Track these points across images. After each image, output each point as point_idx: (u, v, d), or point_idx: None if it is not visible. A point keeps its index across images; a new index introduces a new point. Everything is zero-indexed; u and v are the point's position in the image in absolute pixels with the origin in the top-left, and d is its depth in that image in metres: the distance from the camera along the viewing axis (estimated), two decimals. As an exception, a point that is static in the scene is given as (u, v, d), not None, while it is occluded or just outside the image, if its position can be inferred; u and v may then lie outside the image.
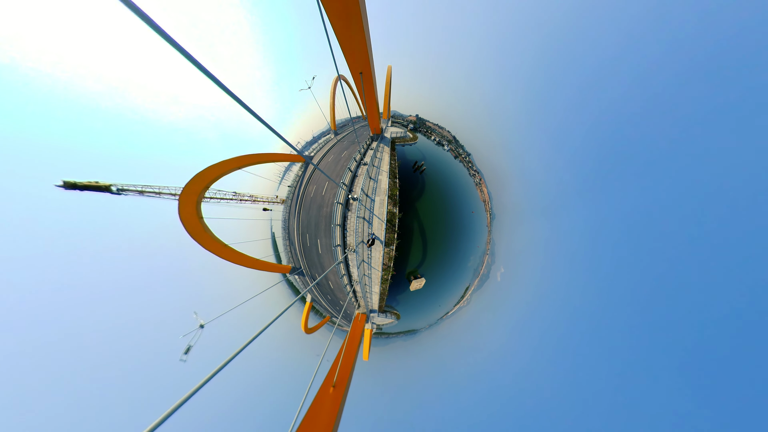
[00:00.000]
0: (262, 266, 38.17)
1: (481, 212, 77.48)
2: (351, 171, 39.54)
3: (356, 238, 35.09)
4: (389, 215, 37.10)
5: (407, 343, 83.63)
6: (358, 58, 22.75)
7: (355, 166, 42.06)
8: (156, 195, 27.39)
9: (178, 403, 6.55)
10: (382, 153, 46.38)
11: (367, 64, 23.95)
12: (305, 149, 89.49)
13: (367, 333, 46.80)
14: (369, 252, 35.04)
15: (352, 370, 23.78)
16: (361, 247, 35.39)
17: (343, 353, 22.65)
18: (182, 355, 35.30)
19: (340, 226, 35.07)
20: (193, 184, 26.02)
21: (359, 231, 35.58)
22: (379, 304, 42.55)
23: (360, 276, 37.28)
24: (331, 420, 13.90)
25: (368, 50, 21.58)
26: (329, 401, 15.33)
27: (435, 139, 79.72)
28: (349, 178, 39.30)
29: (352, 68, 24.66)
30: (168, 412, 6.34)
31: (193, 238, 28.47)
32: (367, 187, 39.27)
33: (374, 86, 29.68)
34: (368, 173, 41.12)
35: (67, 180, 19.86)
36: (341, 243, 35.26)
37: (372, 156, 44.31)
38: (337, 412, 14.66)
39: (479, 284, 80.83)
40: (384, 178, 40.21)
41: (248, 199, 39.98)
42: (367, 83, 28.15)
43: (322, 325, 62.99)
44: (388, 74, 59.35)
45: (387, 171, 41.20)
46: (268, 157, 38.90)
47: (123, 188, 24.36)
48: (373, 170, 42.46)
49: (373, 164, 43.07)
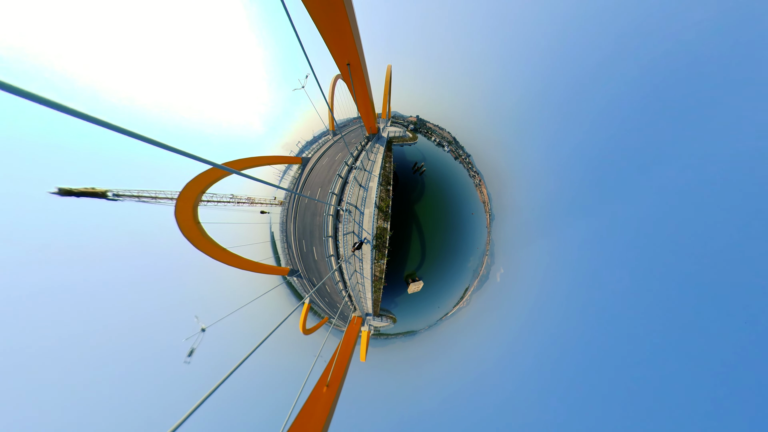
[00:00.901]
0: (260, 269, 38.30)
1: (481, 213, 77.23)
2: (341, 177, 37.36)
3: (347, 251, 34.82)
4: (378, 230, 35.23)
5: (406, 343, 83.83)
6: (343, 46, 19.09)
7: (346, 171, 39.28)
8: (153, 200, 27.45)
9: (196, 404, 7.62)
10: (375, 155, 43.22)
11: (355, 53, 20.14)
12: (306, 148, 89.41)
13: (364, 335, 46.79)
14: (360, 263, 34.53)
15: (346, 370, 24.39)
16: (353, 259, 35.09)
17: (338, 354, 22.46)
18: (186, 357, 36.14)
19: (333, 237, 34.79)
20: (188, 190, 26.09)
21: (349, 244, 35.19)
22: (373, 309, 42.50)
23: (353, 284, 37.23)
24: (323, 417, 14.50)
25: (354, 36, 18.07)
26: (322, 400, 16.06)
27: (435, 140, 79.39)
28: (339, 186, 37.10)
29: (338, 58, 21.13)
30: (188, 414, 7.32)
31: (192, 243, 28.57)
32: (356, 197, 36.63)
33: (365, 79, 25.83)
34: (357, 179, 38.32)
35: (62, 187, 19.87)
36: (334, 253, 35.11)
37: (364, 158, 41.66)
38: (329, 410, 15.32)
39: (479, 285, 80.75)
40: (374, 186, 37.17)
41: (246, 201, 40.05)
42: (356, 76, 24.49)
43: (320, 326, 63.19)
44: (387, 73, 57.43)
45: (378, 176, 37.94)
46: (264, 160, 39.01)
47: (119, 194, 24.39)
48: (363, 176, 39.22)
49: (365, 167, 40.03)
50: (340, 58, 21.05)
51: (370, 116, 38.18)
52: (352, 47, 19.28)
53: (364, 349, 46.50)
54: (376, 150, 43.14)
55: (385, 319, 58.02)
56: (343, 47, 19.37)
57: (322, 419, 14.39)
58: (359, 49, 20.43)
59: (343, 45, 19.07)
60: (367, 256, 33.61)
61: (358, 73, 24.16)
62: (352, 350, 32.23)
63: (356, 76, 24.69)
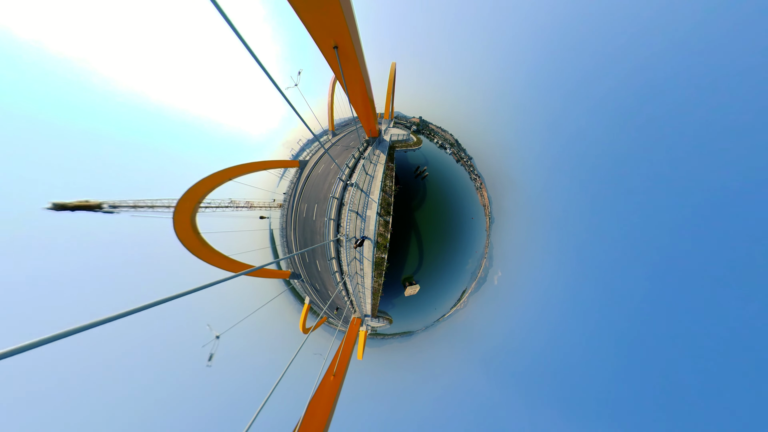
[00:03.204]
0: (262, 274, 38.80)
1: (481, 216, 77.15)
2: (336, 199, 33.92)
3: (350, 273, 34.72)
4: (377, 259, 33.35)
5: (403, 344, 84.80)
6: (328, 22, 13.32)
7: (341, 189, 35.06)
8: (150, 209, 27.35)
9: (261, 405, 9.25)
10: (375, 168, 36.94)
11: (345, 31, 14.11)
12: (306, 147, 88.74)
13: (361, 334, 47.97)
14: (362, 277, 34.52)
15: (348, 364, 28.14)
16: (354, 263, 35.12)
17: (341, 351, 26.15)
18: (207, 362, 39.48)
19: (336, 258, 34.81)
20: (185, 201, 25.97)
21: (351, 273, 34.54)
22: (372, 312, 43.12)
23: (355, 294, 37.59)
24: (331, 398, 19.16)
25: (342, 9, 12.54)
26: (330, 386, 20.83)
27: (438, 142, 78.71)
28: (335, 207, 33.88)
29: (319, 38, 14.88)
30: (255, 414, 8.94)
31: (192, 253, 28.62)
32: (353, 228, 33.12)
33: (361, 69, 18.81)
34: (353, 204, 33.13)
35: (56, 202, 19.74)
36: (338, 269, 35.34)
37: (363, 168, 36.45)
38: (336, 394, 20.01)
39: (476, 287, 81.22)
40: (372, 215, 32.30)
41: (245, 206, 39.93)
42: (347, 62, 17.54)
43: (319, 325, 64.15)
44: (391, 71, 54.33)
45: (377, 203, 32.36)
46: (261, 165, 38.67)
47: (115, 205, 24.26)
48: (360, 200, 33.99)
49: (361, 187, 34.48)
50: (322, 37, 14.72)
51: (370, 117, 32.80)
52: (339, 22, 13.24)
53: (361, 349, 48.33)
54: (376, 159, 38.51)
55: (382, 320, 59.25)
56: (326, 21, 13.22)
57: (331, 399, 19.07)
58: (351, 26, 14.29)
59: (330, 21, 13.15)
60: (367, 266, 33.43)
61: (350, 61, 17.21)
62: (352, 347, 35.95)
63: (348, 64, 17.70)
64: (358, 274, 35.52)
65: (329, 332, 74.84)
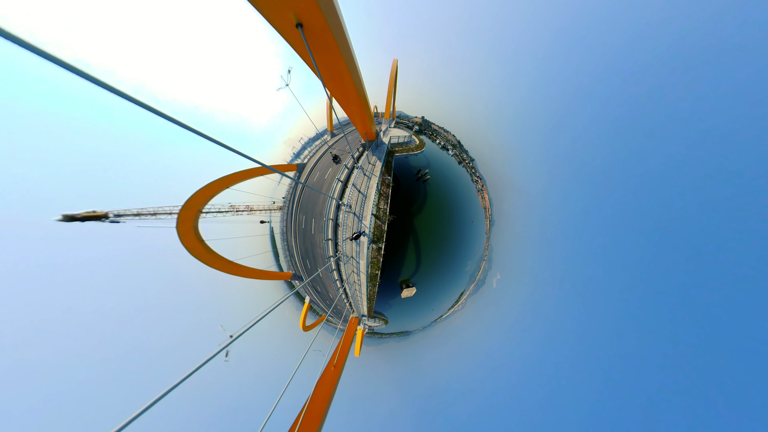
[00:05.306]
0: (265, 276, 39.71)
1: (481, 219, 77.10)
2: (332, 220, 32.94)
3: (349, 282, 35.33)
4: (370, 292, 33.02)
5: (400, 343, 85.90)
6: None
7: (335, 209, 33.09)
8: (152, 217, 27.91)
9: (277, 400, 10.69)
10: (368, 183, 32.97)
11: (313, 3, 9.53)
12: (307, 146, 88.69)
13: (359, 333, 49.42)
14: (359, 285, 34.91)
15: (347, 356, 30.71)
16: (353, 286, 35.99)
17: (341, 346, 28.11)
18: (225, 358, 42.02)
19: (336, 270, 35.38)
20: (187, 210, 26.44)
21: (350, 282, 35.11)
22: (368, 313, 44.07)
23: (353, 297, 38.31)
24: (332, 385, 21.88)
25: None
26: (331, 375, 23.50)
27: (440, 142, 78.26)
28: (331, 228, 33.10)
29: (272, 15, 10.03)
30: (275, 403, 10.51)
31: (200, 261, 29.46)
32: (349, 251, 32.27)
33: (341, 52, 12.88)
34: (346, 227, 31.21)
35: (66, 213, 20.40)
36: (338, 278, 36.07)
37: (353, 189, 33.06)
38: (336, 380, 22.89)
39: (475, 289, 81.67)
40: (363, 248, 30.44)
41: (245, 210, 40.39)
42: (320, 46, 12.15)
43: (319, 323, 65.34)
44: (393, 68, 51.04)
45: (369, 228, 29.62)
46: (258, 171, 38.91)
47: (119, 214, 24.86)
48: (353, 224, 31.63)
49: (353, 208, 31.73)
50: (278, 12, 9.91)
51: (364, 117, 26.83)
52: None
53: (359, 346, 49.97)
54: (371, 170, 34.38)
55: (378, 320, 60.40)
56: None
57: (332, 385, 21.84)
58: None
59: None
60: (363, 262, 33.15)
61: (323, 43, 11.87)
62: (350, 343, 38.62)
63: (321, 48, 12.29)
64: (356, 282, 36.08)
65: (328, 330, 76.17)
